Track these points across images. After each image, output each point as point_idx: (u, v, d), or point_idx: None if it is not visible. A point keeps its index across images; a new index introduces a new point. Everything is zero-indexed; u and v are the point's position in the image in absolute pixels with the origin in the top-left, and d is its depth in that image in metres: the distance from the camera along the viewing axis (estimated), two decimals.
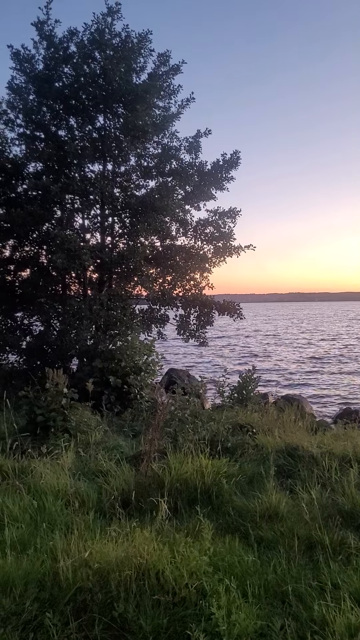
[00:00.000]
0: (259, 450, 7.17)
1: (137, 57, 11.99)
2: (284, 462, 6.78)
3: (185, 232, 13.57)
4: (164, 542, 4.20)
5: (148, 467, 5.83)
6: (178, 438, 7.00)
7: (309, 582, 3.97)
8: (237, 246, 13.46)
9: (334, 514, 5.16)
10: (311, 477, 6.12)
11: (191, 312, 13.74)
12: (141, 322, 13.06)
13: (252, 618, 3.45)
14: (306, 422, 9.75)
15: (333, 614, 3.44)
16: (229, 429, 7.89)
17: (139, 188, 13.30)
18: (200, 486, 5.58)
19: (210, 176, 13.04)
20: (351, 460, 6.58)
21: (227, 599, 3.56)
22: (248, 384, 11.37)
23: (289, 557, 4.36)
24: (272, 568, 4.16)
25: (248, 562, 4.19)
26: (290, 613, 3.62)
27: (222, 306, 13.61)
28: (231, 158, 12.95)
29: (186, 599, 3.59)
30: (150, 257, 13.02)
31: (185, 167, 12.97)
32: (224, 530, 4.89)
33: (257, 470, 6.29)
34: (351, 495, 5.45)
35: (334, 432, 9.26)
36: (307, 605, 3.66)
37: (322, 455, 6.73)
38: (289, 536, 4.67)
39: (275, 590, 3.89)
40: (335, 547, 4.52)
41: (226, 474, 5.93)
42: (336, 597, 3.68)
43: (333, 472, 6.15)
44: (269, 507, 5.22)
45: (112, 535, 4.23)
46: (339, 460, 6.67)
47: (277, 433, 7.95)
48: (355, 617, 3.38)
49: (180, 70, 12.48)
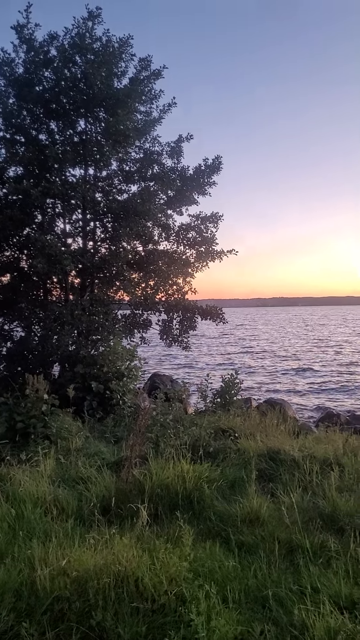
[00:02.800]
0: (241, 454, 7.16)
1: (118, 62, 11.97)
2: (265, 466, 6.78)
3: (167, 236, 13.55)
4: (143, 549, 4.15)
5: (129, 473, 5.78)
6: (160, 443, 6.97)
7: (290, 586, 3.96)
8: (219, 251, 13.48)
9: (315, 517, 5.17)
10: (292, 480, 6.13)
11: (174, 317, 13.71)
12: (124, 327, 12.99)
13: (232, 624, 3.43)
14: (288, 425, 9.77)
15: (313, 618, 3.44)
16: (211, 433, 7.87)
17: (121, 192, 13.26)
18: (181, 491, 5.55)
19: (193, 181, 13.05)
20: (332, 464, 6.61)
21: (207, 604, 3.53)
22: (231, 389, 11.36)
23: (270, 561, 4.35)
24: (253, 573, 4.15)
25: (229, 567, 4.17)
26: (270, 618, 3.61)
27: (204, 311, 13.61)
28: (213, 163, 12.98)
29: (165, 605, 3.55)
30: (133, 261, 12.98)
31: (167, 171, 12.97)
32: (205, 536, 4.86)
33: (238, 474, 6.28)
34: (332, 499, 5.47)
35: (316, 435, 9.30)
36: (287, 610, 3.65)
37: (304, 459, 6.75)
38: (269, 540, 4.66)
39: (255, 595, 3.88)
40: (316, 551, 4.53)
41: (208, 478, 5.91)
42: (316, 601, 3.68)
43: (314, 476, 6.17)
44: (250, 512, 5.21)
45: (91, 542, 4.18)
46: (320, 463, 6.70)
47: (259, 437, 7.95)
48: (334, 621, 3.38)
49: (161, 75, 12.49)
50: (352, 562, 4.26)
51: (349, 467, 6.51)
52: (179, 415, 8.33)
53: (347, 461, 6.72)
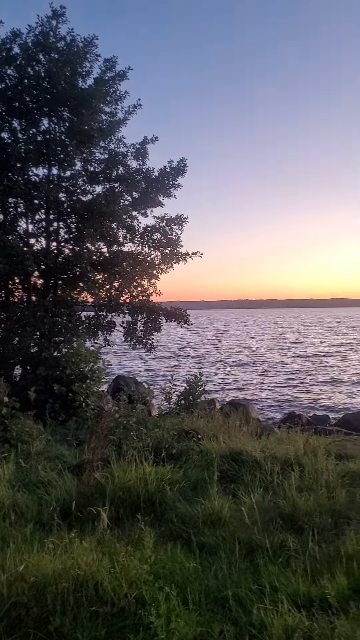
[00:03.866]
0: (203, 456, 7.19)
1: (83, 62, 11.88)
2: (228, 467, 6.82)
3: (132, 238, 13.51)
4: (104, 552, 4.13)
5: (91, 476, 5.72)
6: (122, 446, 6.93)
7: (249, 586, 3.99)
8: (184, 253, 13.52)
9: (275, 517, 5.23)
10: (254, 481, 6.17)
11: (138, 319, 13.68)
12: (87, 328, 12.88)
13: (191, 625, 3.44)
14: (251, 427, 9.87)
15: (271, 616, 3.48)
16: (175, 435, 7.87)
17: (85, 193, 13.14)
18: (143, 494, 5.53)
19: (157, 183, 13.06)
20: (293, 464, 6.70)
21: (167, 607, 3.53)
22: (195, 390, 11.40)
23: (231, 561, 4.38)
24: (214, 573, 4.17)
25: (189, 568, 4.18)
26: (230, 618, 3.63)
27: (169, 312, 13.63)
28: (178, 165, 13.02)
29: (125, 609, 3.54)
30: (97, 263, 12.88)
31: (132, 173, 12.94)
32: (166, 538, 4.85)
33: (201, 476, 6.29)
34: (292, 498, 5.55)
35: (278, 436, 9.41)
36: (246, 610, 3.67)
37: (265, 460, 6.82)
38: (230, 541, 4.69)
39: (216, 595, 3.89)
40: (276, 550, 4.58)
41: (170, 480, 5.91)
42: (275, 599, 3.72)
43: (275, 476, 6.23)
44: (212, 513, 5.24)
45: (50, 547, 4.12)
46: (281, 463, 6.78)
47: (222, 438, 8.00)
48: (292, 619, 3.42)
49: (126, 76, 12.46)
50: (310, 561, 4.32)
51: (309, 467, 6.61)
52: (142, 417, 8.30)
53: (307, 461, 6.82)
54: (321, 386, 27.46)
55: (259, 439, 8.83)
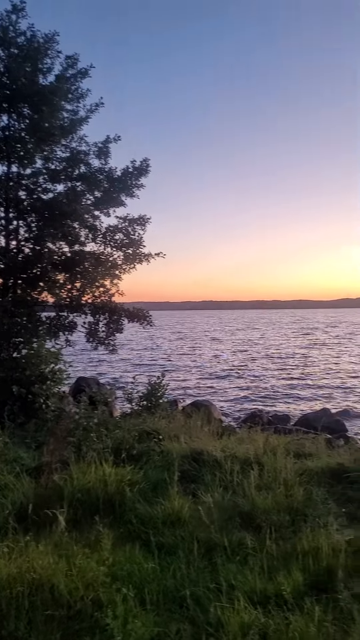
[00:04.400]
0: (164, 456, 7.18)
1: (44, 58, 11.70)
2: (188, 467, 6.83)
3: (94, 238, 13.36)
4: (60, 555, 4.08)
5: (49, 479, 5.64)
6: (82, 447, 6.85)
7: (207, 584, 4.01)
8: (147, 253, 13.47)
9: (234, 516, 5.28)
10: (214, 480, 6.21)
11: (100, 319, 13.55)
12: (48, 329, 12.68)
13: (149, 625, 3.43)
14: (212, 427, 9.92)
15: (228, 614, 3.50)
16: (136, 436, 7.84)
17: (46, 192, 12.93)
18: (102, 495, 5.49)
19: (120, 182, 12.97)
20: (252, 463, 6.76)
21: (124, 608, 3.51)
22: (157, 391, 11.39)
23: (189, 561, 4.39)
24: (172, 573, 4.17)
25: (148, 569, 4.17)
26: (187, 617, 3.64)
27: (131, 313, 13.55)
28: (141, 165, 12.97)
29: (82, 611, 3.51)
30: (58, 262, 12.70)
31: (95, 172, 12.82)
32: (125, 539, 4.83)
33: (161, 476, 6.28)
34: (251, 497, 5.61)
35: (239, 435, 9.49)
36: (204, 608, 3.69)
37: (226, 459, 6.87)
38: (189, 540, 4.70)
39: (174, 595, 3.90)
40: (234, 548, 4.62)
41: (130, 481, 5.88)
42: (232, 597, 3.74)
43: (235, 475, 6.29)
44: (172, 513, 5.24)
45: (4, 551, 4.04)
46: (241, 463, 6.84)
47: (183, 439, 8.00)
48: (248, 616, 3.46)
49: (88, 74, 12.34)
50: (267, 558, 4.38)
51: (269, 465, 6.68)
52: (103, 419, 8.23)
53: (267, 460, 6.90)
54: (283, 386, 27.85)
55: (220, 438, 8.88)
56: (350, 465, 6.87)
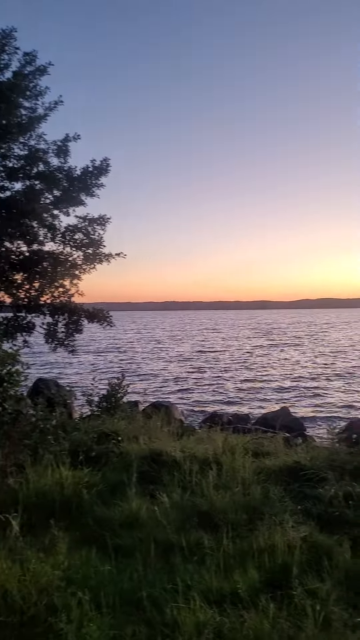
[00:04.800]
0: (123, 457, 7.15)
1: (0, 54, 11.51)
2: (148, 468, 6.81)
3: (53, 237, 13.21)
4: (14, 560, 3.99)
5: (3, 483, 5.52)
6: (39, 450, 6.74)
7: (164, 585, 4.01)
8: (107, 253, 13.39)
9: (192, 516, 5.29)
10: (173, 481, 6.21)
11: (59, 320, 13.38)
12: (5, 330, 12.43)
13: (104, 629, 3.40)
14: (173, 427, 9.92)
15: (184, 614, 3.51)
16: (94, 438, 7.76)
17: (3, 190, 12.70)
18: (59, 499, 5.42)
19: (80, 182, 12.85)
20: (211, 462, 6.79)
21: (79, 612, 3.47)
22: (117, 392, 11.30)
23: (146, 562, 4.37)
24: (129, 575, 4.15)
25: (104, 572, 4.14)
26: (144, 619, 3.63)
27: (91, 314, 13.44)
28: (101, 165, 12.89)
29: (35, 617, 3.44)
30: (16, 262, 12.49)
31: (54, 170, 12.67)
32: (82, 542, 4.77)
33: (120, 478, 6.24)
34: (209, 496, 5.64)
35: (199, 435, 9.52)
36: (160, 609, 3.68)
37: (185, 459, 6.88)
38: (147, 542, 4.68)
39: (130, 597, 3.88)
40: (192, 548, 4.62)
41: (88, 484, 5.83)
42: (189, 597, 3.75)
43: (194, 475, 6.30)
44: (130, 515, 5.23)
45: None
46: (200, 463, 6.87)
47: (142, 440, 7.98)
48: (204, 615, 3.47)
49: (47, 71, 12.20)
50: (224, 557, 4.40)
51: (227, 465, 6.73)
52: (61, 421, 8.12)
53: (226, 459, 6.94)
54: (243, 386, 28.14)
55: (180, 439, 8.89)
56: (307, 463, 6.98)
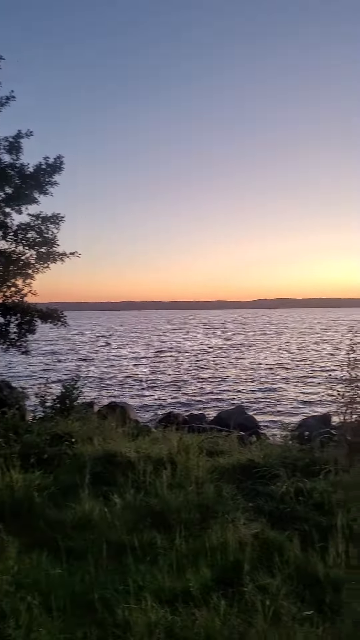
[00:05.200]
0: (76, 459, 7.07)
1: None
2: (101, 470, 6.78)
3: (5, 235, 12.85)
4: None
5: None
6: None
7: (116, 586, 3.99)
8: (61, 253, 13.16)
9: (146, 516, 5.29)
10: (127, 482, 6.19)
11: (12, 320, 13.06)
12: None
13: (54, 632, 3.36)
14: (128, 428, 9.91)
15: (136, 615, 3.50)
16: (47, 440, 7.65)
17: None
18: (9, 502, 5.31)
19: (33, 179, 12.59)
20: (165, 462, 6.81)
21: (29, 616, 3.41)
22: (72, 393, 11.17)
23: (99, 564, 4.34)
24: (80, 578, 4.11)
25: (55, 575, 4.08)
26: (95, 621, 3.60)
27: (45, 314, 13.17)
28: (54, 162, 12.65)
29: None
30: None
31: (5, 167, 12.35)
32: (33, 546, 4.69)
33: (72, 480, 6.17)
34: (163, 496, 5.65)
35: (154, 435, 9.53)
36: (112, 611, 3.66)
37: (139, 460, 6.88)
38: (99, 543, 4.64)
39: (82, 599, 3.85)
40: (144, 549, 4.62)
41: (39, 486, 5.75)
42: (141, 598, 3.74)
43: (148, 475, 6.30)
44: (82, 517, 5.18)
45: None
46: (154, 463, 6.87)
47: (96, 441, 7.92)
48: (155, 615, 3.47)
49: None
50: (177, 556, 4.42)
51: (181, 464, 6.77)
52: (13, 423, 7.97)
53: (180, 459, 6.98)
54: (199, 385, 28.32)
55: (135, 439, 8.88)
56: (260, 461, 7.10)
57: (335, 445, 7.66)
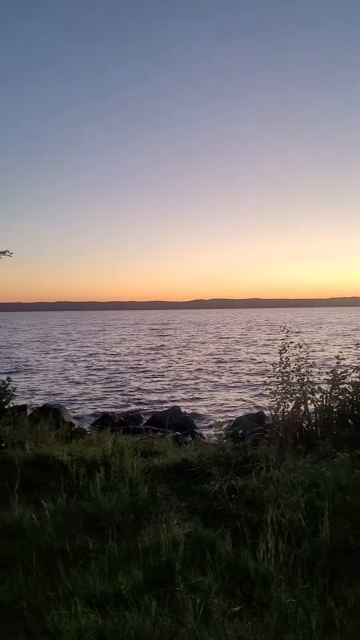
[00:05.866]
0: (6, 464, 6.87)
1: None
2: (33, 475, 6.64)
3: None
4: None
5: None
6: None
7: (47, 593, 3.91)
8: None
9: (78, 520, 5.21)
10: (59, 486, 6.07)
11: None
12: None
13: None
14: (62, 431, 9.73)
15: (65, 621, 3.44)
16: None
17: None
18: None
19: None
20: (99, 465, 6.75)
21: None
22: (1, 397, 10.82)
23: (28, 571, 4.23)
24: (8, 586, 3.99)
25: None
26: (23, 629, 3.52)
27: None
28: None
29: None
30: None
31: None
32: None
33: (2, 486, 5.99)
34: (96, 499, 5.59)
35: (88, 438, 9.41)
36: (41, 618, 3.59)
37: (72, 463, 6.77)
38: (29, 550, 4.53)
39: (10, 608, 3.75)
40: (76, 553, 4.55)
41: None
42: (71, 603, 3.68)
43: (81, 479, 6.21)
44: (12, 523, 5.04)
45: None
46: (88, 465, 6.80)
47: (28, 445, 7.73)
48: (85, 620, 3.43)
49: None
50: (109, 559, 4.39)
51: (115, 466, 6.73)
52: None
53: (114, 461, 6.94)
54: (136, 385, 28.22)
55: (69, 442, 8.74)
56: (194, 461, 7.18)
57: (267, 443, 7.86)
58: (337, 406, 9.34)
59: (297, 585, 3.88)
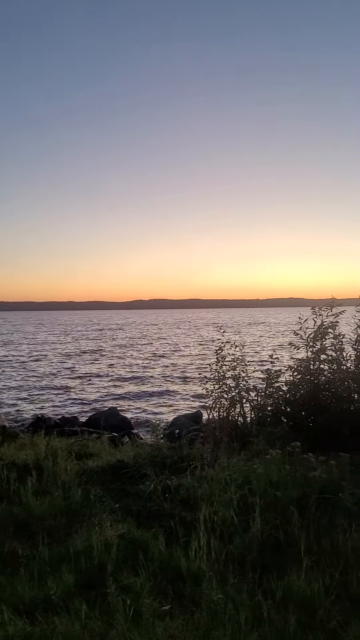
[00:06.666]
0: None
1: None
2: None
3: None
4: None
5: None
6: None
7: None
8: None
9: (8, 526, 5.07)
10: None
11: None
12: None
13: None
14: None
15: None
16: None
17: None
18: None
19: None
20: (31, 468, 6.58)
21: None
22: None
23: None
24: None
25: None
26: None
27: None
28: None
29: None
30: None
31: None
32: None
33: None
34: (27, 504, 5.46)
35: (21, 441, 9.17)
36: None
37: (3, 467, 6.56)
38: None
39: None
40: (5, 560, 4.43)
41: None
42: None
43: (12, 483, 6.04)
44: None
45: None
46: (19, 469, 6.61)
47: None
48: (13, 627, 3.33)
49: None
50: (40, 565, 4.29)
51: (48, 469, 6.58)
52: None
53: (47, 464, 6.79)
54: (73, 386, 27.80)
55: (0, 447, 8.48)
56: (130, 461, 7.13)
57: (202, 441, 7.94)
58: (271, 404, 9.55)
59: (227, 581, 3.93)
